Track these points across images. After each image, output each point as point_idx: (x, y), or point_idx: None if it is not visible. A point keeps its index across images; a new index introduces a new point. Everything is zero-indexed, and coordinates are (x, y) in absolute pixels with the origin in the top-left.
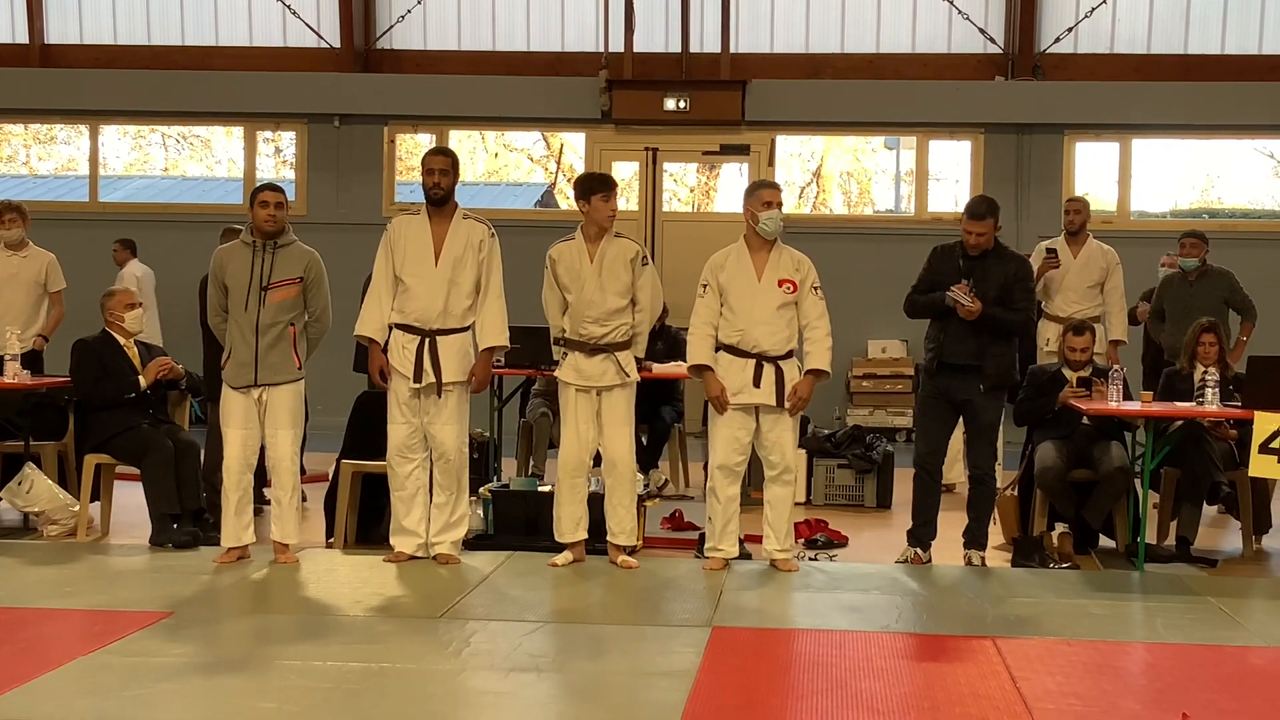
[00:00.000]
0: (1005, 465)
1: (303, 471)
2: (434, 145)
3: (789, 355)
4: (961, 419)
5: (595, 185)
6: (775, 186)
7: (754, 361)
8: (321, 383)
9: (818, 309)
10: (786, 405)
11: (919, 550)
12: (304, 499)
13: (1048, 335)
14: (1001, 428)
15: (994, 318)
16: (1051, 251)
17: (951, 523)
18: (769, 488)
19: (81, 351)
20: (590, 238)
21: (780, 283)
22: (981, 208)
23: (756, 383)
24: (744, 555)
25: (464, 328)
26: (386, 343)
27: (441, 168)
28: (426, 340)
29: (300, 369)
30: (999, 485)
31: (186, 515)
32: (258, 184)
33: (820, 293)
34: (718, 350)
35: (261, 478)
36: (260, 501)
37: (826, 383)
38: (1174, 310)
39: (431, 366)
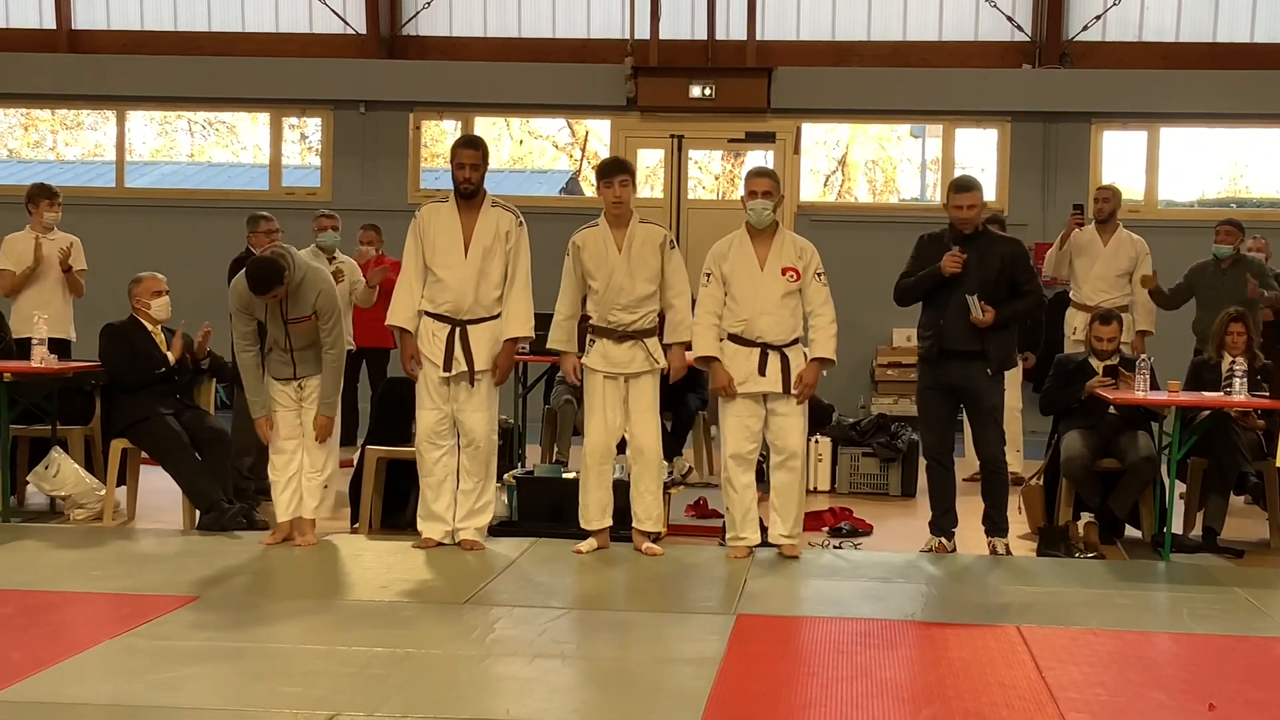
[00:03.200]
0: (1028, 455)
1: None
2: (460, 133)
3: (794, 343)
4: (963, 406)
5: (600, 172)
6: (763, 174)
7: (759, 350)
8: None
9: (821, 295)
10: (793, 393)
11: (943, 539)
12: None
13: (1075, 324)
14: (1022, 416)
15: (1009, 316)
16: (1078, 207)
17: (974, 510)
18: (775, 474)
19: (110, 335)
20: (614, 224)
21: (784, 271)
22: (968, 179)
23: (762, 371)
24: (767, 543)
25: (494, 316)
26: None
27: (473, 162)
28: (457, 329)
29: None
30: (1023, 475)
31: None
32: (290, 171)
33: (824, 279)
34: (723, 340)
35: None
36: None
37: (833, 369)
38: (1205, 298)
39: (464, 355)
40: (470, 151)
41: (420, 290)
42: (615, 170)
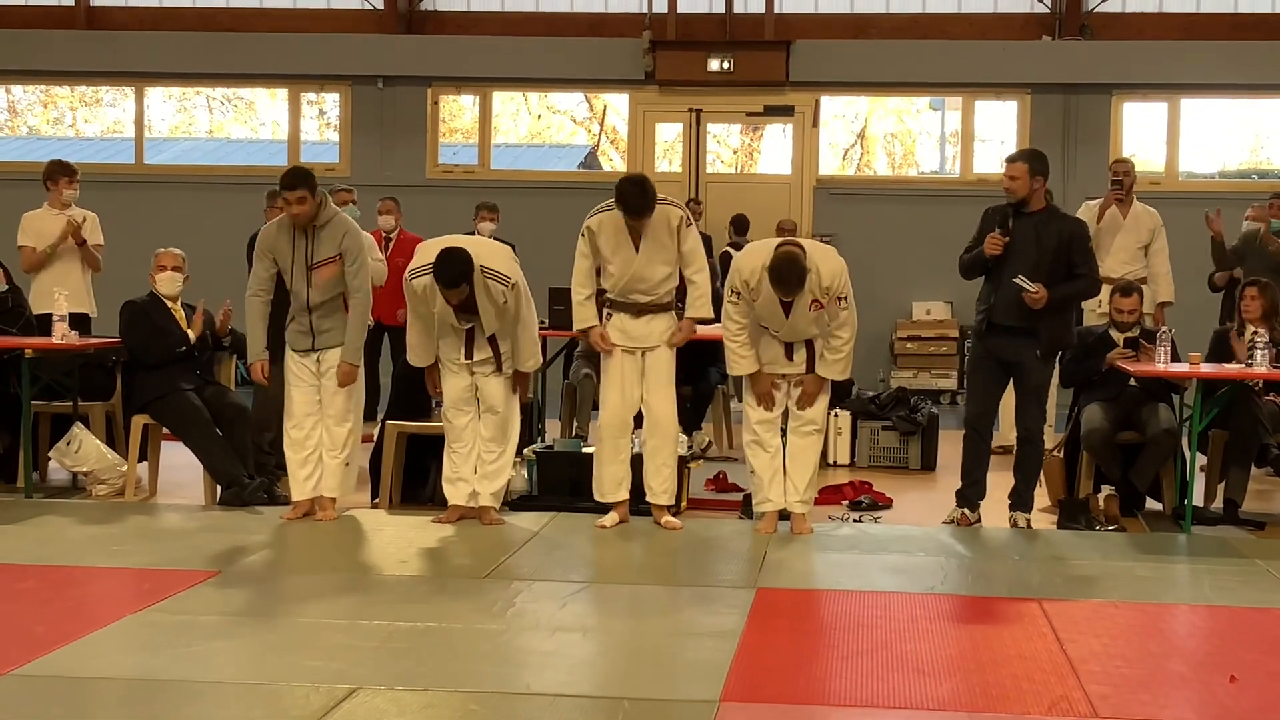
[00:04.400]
0: (1057, 428)
1: None
2: (475, 116)
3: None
4: (1011, 380)
5: (623, 209)
6: (790, 288)
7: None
8: None
9: (840, 318)
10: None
11: (966, 510)
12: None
13: (1100, 297)
14: (1055, 390)
15: (1062, 299)
16: (1117, 183)
17: (997, 484)
18: (791, 438)
19: (131, 311)
20: None
21: (810, 305)
22: (1017, 154)
23: (789, 357)
24: (786, 515)
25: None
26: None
27: (458, 298)
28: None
29: None
30: (1048, 447)
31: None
32: (309, 147)
33: (846, 302)
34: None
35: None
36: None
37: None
38: (1254, 269)
39: (490, 347)
40: (452, 292)
41: (434, 334)
42: (642, 211)
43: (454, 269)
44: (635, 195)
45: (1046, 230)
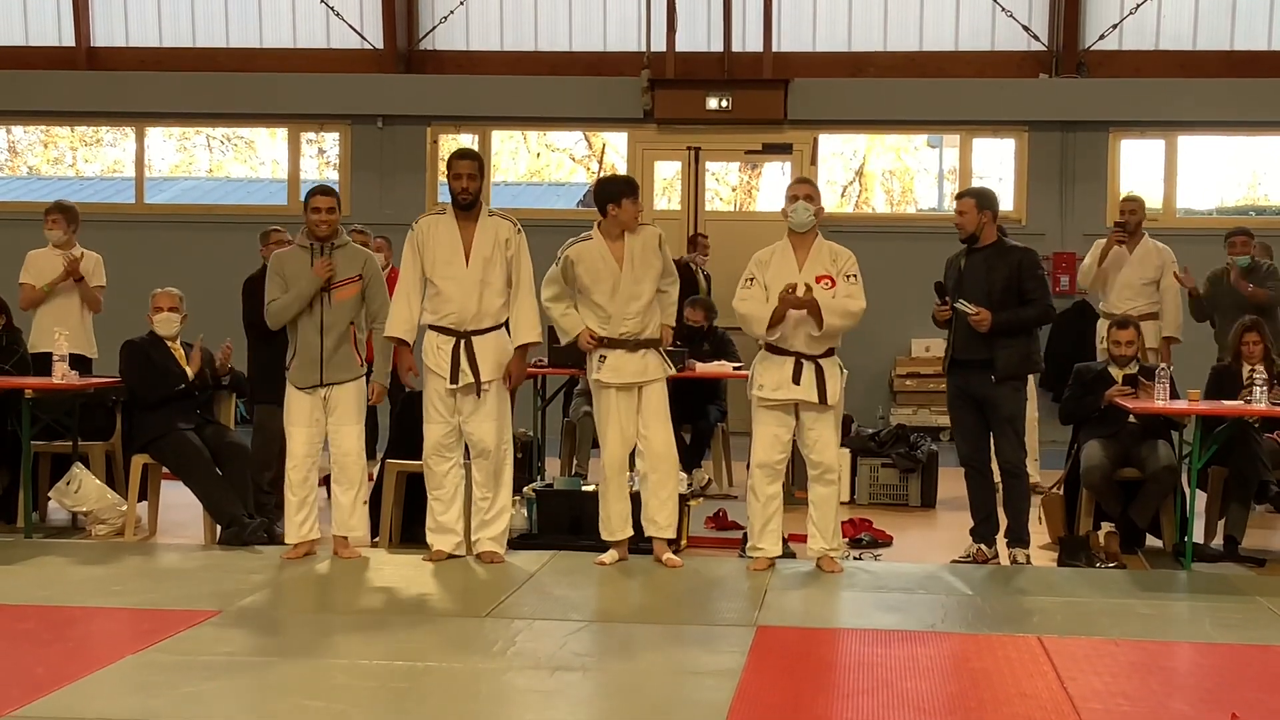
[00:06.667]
0: (1047, 465)
1: None
2: (462, 148)
3: (830, 353)
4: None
5: (625, 189)
6: (804, 180)
7: (793, 359)
8: None
9: (850, 290)
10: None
11: (983, 546)
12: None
13: (1103, 334)
14: (1039, 426)
15: (1007, 321)
16: (1120, 225)
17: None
18: (812, 488)
19: (130, 351)
20: (612, 237)
21: (819, 279)
22: (965, 191)
23: (796, 380)
24: (787, 554)
25: (499, 325)
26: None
27: (469, 172)
28: (462, 341)
29: (362, 365)
30: (1042, 484)
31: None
32: (308, 186)
33: (856, 279)
34: (761, 347)
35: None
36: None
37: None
38: (1224, 306)
39: (469, 366)
40: (466, 162)
41: (419, 302)
42: (637, 186)
43: (471, 150)
44: (617, 179)
45: (997, 263)
